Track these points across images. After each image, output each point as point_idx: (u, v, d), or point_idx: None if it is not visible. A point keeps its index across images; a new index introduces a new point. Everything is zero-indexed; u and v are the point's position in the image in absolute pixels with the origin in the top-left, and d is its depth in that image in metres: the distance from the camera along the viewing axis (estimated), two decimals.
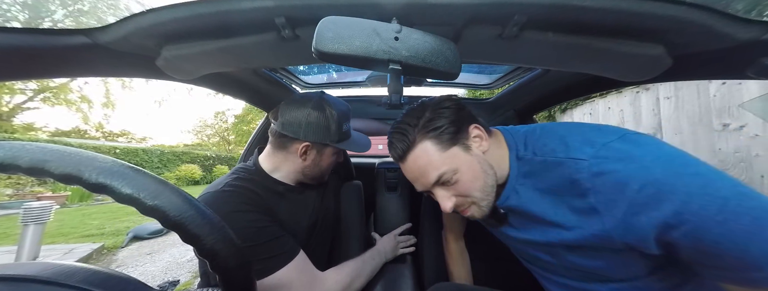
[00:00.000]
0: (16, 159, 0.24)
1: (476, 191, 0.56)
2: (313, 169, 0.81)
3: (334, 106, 0.77)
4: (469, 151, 0.56)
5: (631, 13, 0.43)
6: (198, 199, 0.29)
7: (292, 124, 0.73)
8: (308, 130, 0.74)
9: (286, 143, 0.76)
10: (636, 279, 0.53)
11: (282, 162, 0.79)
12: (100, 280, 0.28)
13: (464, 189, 0.56)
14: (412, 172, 0.59)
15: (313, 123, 0.73)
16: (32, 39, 0.48)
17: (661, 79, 0.66)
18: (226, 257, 0.29)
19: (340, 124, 0.77)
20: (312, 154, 0.78)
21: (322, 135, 0.75)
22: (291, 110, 0.74)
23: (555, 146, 0.53)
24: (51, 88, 13.76)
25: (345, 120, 0.79)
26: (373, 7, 0.44)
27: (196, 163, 13.47)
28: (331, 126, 0.75)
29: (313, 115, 0.73)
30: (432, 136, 0.55)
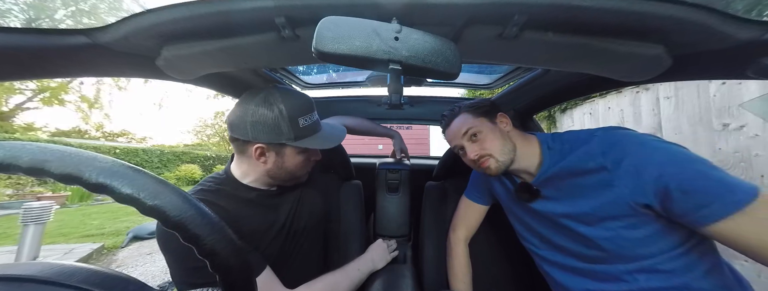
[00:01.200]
0: (16, 159, 0.24)
1: (494, 150, 0.76)
2: (278, 172, 0.74)
3: (284, 100, 0.68)
4: (494, 124, 0.80)
5: (631, 13, 0.43)
6: None
7: (239, 125, 0.67)
8: (256, 129, 0.67)
9: (240, 147, 0.70)
10: (643, 258, 0.62)
11: (248, 167, 0.74)
12: (100, 280, 0.28)
13: (484, 145, 0.77)
14: (451, 133, 0.83)
15: (260, 122, 0.66)
16: (32, 39, 0.48)
17: (661, 79, 0.67)
18: (227, 257, 0.29)
19: (293, 119, 0.68)
20: (271, 156, 0.71)
21: (273, 134, 0.67)
22: (236, 109, 0.68)
23: (580, 135, 0.74)
24: (51, 88, 13.75)
25: (301, 114, 0.70)
26: (373, 7, 0.44)
27: (196, 163, 13.47)
28: (281, 123, 0.67)
29: (258, 112, 0.66)
30: (469, 111, 0.82)
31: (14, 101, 14.50)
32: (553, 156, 0.74)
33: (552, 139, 0.77)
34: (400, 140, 1.35)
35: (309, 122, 0.72)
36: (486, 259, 1.06)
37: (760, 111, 2.15)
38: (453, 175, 1.22)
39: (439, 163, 1.24)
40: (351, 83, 1.37)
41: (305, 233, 0.88)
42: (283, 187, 0.82)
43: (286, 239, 0.80)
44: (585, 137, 0.70)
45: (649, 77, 0.61)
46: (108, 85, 15.50)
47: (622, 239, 0.63)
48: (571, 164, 0.70)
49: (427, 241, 1.10)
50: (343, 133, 0.84)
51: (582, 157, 0.68)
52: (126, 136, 25.37)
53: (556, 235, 0.76)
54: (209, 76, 0.70)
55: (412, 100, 1.42)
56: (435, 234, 1.11)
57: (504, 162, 0.76)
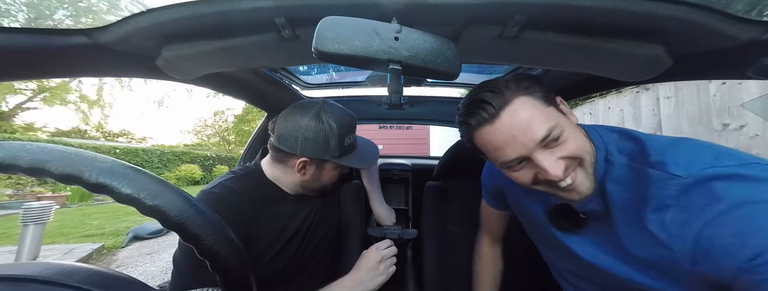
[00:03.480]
0: (16, 159, 0.24)
1: (585, 153, 0.49)
2: (313, 184, 0.77)
3: (335, 118, 0.69)
4: (565, 115, 0.51)
5: (631, 13, 0.43)
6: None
7: (288, 139, 0.68)
8: (305, 145, 0.67)
9: (283, 158, 0.72)
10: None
11: (281, 174, 0.76)
12: (100, 280, 0.28)
13: (573, 148, 0.47)
14: (509, 130, 0.47)
15: (311, 138, 0.67)
16: (32, 39, 0.48)
17: (661, 79, 0.67)
18: (227, 257, 0.29)
19: (341, 138, 0.70)
20: (311, 170, 0.73)
21: (320, 151, 0.69)
22: (287, 122, 0.69)
23: (656, 157, 0.47)
24: (51, 88, 13.75)
25: (348, 132, 0.72)
26: (373, 7, 0.44)
27: (196, 163, 13.46)
28: (331, 141, 0.68)
29: (310, 128, 0.67)
30: (528, 94, 0.48)
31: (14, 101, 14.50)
32: (610, 178, 0.50)
33: (618, 150, 0.51)
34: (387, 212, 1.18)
35: (351, 140, 0.74)
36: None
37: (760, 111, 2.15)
38: (453, 175, 1.22)
39: (439, 163, 1.24)
40: (351, 83, 1.37)
41: (321, 245, 0.86)
42: (306, 194, 0.82)
43: (298, 249, 0.79)
44: (669, 173, 0.45)
45: (649, 77, 0.61)
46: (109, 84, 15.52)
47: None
48: (622, 217, 0.48)
49: (428, 241, 1.10)
50: (376, 151, 0.85)
51: (640, 199, 0.46)
52: (126, 136, 25.38)
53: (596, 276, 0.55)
54: (209, 76, 0.70)
55: (412, 100, 1.42)
56: (435, 234, 1.11)
57: (591, 176, 0.51)
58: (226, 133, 23.39)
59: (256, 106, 1.22)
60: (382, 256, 0.74)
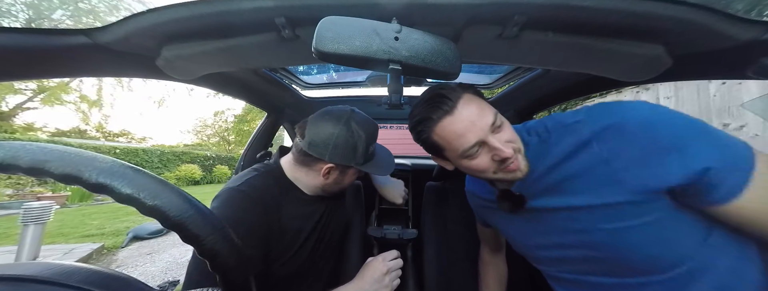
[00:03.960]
0: (16, 159, 0.24)
1: (517, 139, 0.58)
2: (333, 187, 0.80)
3: (363, 127, 0.73)
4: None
5: (631, 13, 0.43)
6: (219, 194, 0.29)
7: (318, 145, 0.71)
8: (334, 152, 0.71)
9: (309, 162, 0.74)
10: (656, 272, 0.51)
11: (303, 176, 0.78)
12: (100, 280, 0.28)
13: (510, 133, 0.57)
14: (468, 117, 0.54)
15: (341, 145, 0.71)
16: (32, 39, 0.48)
17: (661, 79, 0.67)
18: (227, 257, 0.29)
19: (367, 146, 0.74)
20: (334, 175, 0.76)
21: (348, 157, 0.72)
22: (318, 129, 0.71)
23: (552, 123, 0.60)
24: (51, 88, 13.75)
25: (372, 141, 0.76)
26: (373, 7, 0.44)
27: (196, 163, 13.46)
28: (359, 148, 0.72)
29: (341, 137, 0.70)
30: (470, 93, 0.57)
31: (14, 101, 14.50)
32: (531, 155, 0.59)
33: (527, 133, 0.62)
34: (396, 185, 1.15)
35: (373, 148, 0.79)
36: None
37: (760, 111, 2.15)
38: (453, 176, 1.22)
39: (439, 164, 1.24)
40: (351, 83, 1.37)
41: (329, 245, 0.89)
42: (321, 196, 0.84)
43: (313, 249, 0.81)
44: (556, 125, 0.58)
45: (649, 77, 0.61)
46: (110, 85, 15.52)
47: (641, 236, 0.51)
48: (553, 175, 0.57)
49: (428, 241, 1.10)
50: (393, 158, 0.89)
51: (562, 152, 0.56)
52: (126, 136, 25.38)
53: (561, 241, 0.62)
54: (209, 76, 0.70)
55: (412, 100, 1.42)
56: (435, 234, 1.11)
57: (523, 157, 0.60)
58: (226, 133, 23.40)
59: (256, 106, 1.22)
60: (388, 268, 0.71)
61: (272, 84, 1.06)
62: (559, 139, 0.56)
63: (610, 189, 0.51)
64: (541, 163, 0.58)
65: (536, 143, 0.60)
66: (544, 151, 0.58)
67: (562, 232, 0.61)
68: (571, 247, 0.60)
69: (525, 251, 0.73)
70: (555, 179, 0.57)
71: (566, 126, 0.56)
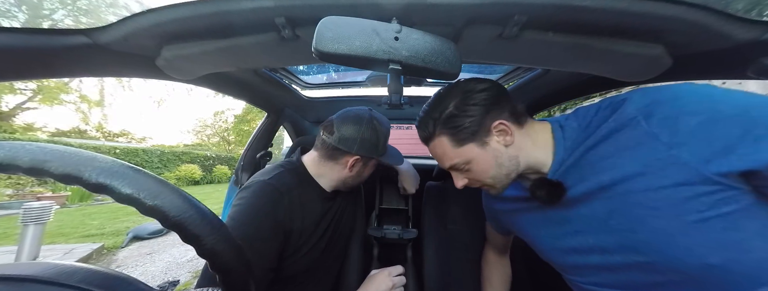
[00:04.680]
0: (16, 159, 0.24)
1: (487, 178, 0.60)
2: (354, 179, 0.87)
3: (383, 124, 0.84)
4: (485, 146, 0.57)
5: (631, 13, 0.43)
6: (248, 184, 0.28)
7: (348, 140, 0.79)
8: (362, 145, 0.79)
9: (337, 156, 0.81)
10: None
11: (328, 171, 0.84)
12: (100, 280, 0.28)
13: (474, 176, 0.61)
14: (433, 155, 0.66)
15: (367, 139, 0.80)
16: (32, 39, 0.48)
17: (661, 79, 0.67)
18: (227, 257, 0.29)
19: (385, 140, 0.85)
20: (358, 166, 0.83)
21: (371, 150, 0.81)
22: (347, 126, 0.80)
23: (598, 106, 0.55)
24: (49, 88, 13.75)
25: (388, 136, 0.86)
26: (373, 7, 0.44)
27: (196, 163, 13.45)
28: (380, 142, 0.82)
29: (367, 132, 0.80)
30: (449, 133, 0.58)
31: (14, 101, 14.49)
32: (570, 141, 0.55)
33: (566, 119, 0.58)
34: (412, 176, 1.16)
35: (386, 142, 0.87)
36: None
37: None
38: None
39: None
40: (351, 83, 1.37)
41: (340, 242, 0.94)
42: (337, 192, 0.90)
43: (327, 245, 0.86)
44: (609, 106, 0.52)
45: (649, 77, 0.61)
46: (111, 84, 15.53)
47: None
48: (599, 159, 0.50)
49: (428, 241, 1.10)
50: (400, 153, 0.98)
51: (608, 133, 0.50)
52: (126, 136, 25.36)
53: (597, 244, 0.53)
54: (209, 76, 0.70)
55: (412, 100, 1.42)
56: (435, 234, 1.11)
57: (503, 186, 0.61)
58: (226, 133, 23.39)
59: (256, 106, 1.22)
60: (393, 284, 0.70)
61: (272, 84, 1.06)
62: (603, 119, 0.52)
63: (661, 169, 0.43)
64: (579, 146, 0.53)
65: (575, 128, 0.56)
66: (584, 134, 0.54)
67: (599, 231, 0.52)
68: (611, 250, 0.51)
69: (554, 257, 0.64)
70: (593, 159, 0.51)
71: (611, 104, 0.52)
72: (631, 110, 0.48)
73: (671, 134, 0.43)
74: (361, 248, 1.06)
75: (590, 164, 0.52)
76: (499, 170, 0.58)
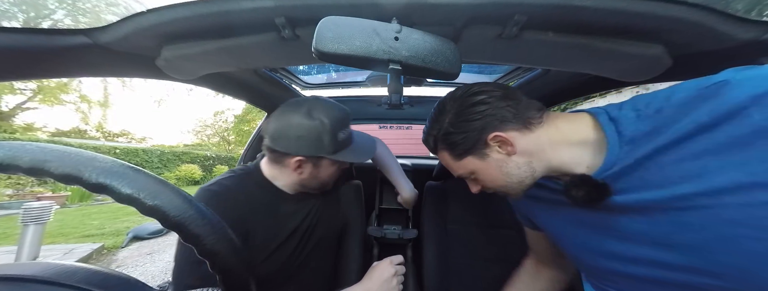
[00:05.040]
0: (16, 159, 0.24)
1: (499, 186, 0.58)
2: (311, 182, 0.77)
3: (327, 113, 0.68)
4: (486, 158, 0.55)
5: (631, 13, 0.43)
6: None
7: (281, 139, 0.68)
8: (300, 143, 0.67)
9: (278, 158, 0.72)
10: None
11: (279, 174, 0.76)
12: (100, 280, 0.28)
13: (486, 184, 0.60)
14: (443, 164, 0.67)
15: (304, 136, 0.67)
16: (32, 39, 0.48)
17: (661, 79, 0.67)
18: (227, 257, 0.29)
19: (334, 133, 0.68)
20: (308, 168, 0.73)
21: (314, 148, 0.68)
22: (279, 122, 0.68)
23: (670, 93, 0.43)
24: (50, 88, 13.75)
25: (341, 127, 0.70)
26: (373, 7, 0.44)
27: (196, 163, 13.43)
28: (324, 137, 0.67)
29: (303, 126, 0.66)
30: (447, 148, 0.59)
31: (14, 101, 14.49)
32: (629, 134, 0.45)
33: (618, 108, 0.48)
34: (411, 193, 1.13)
35: (345, 135, 0.73)
36: (488, 256, 1.06)
37: None
38: (453, 175, 1.22)
39: (439, 163, 1.24)
40: (351, 83, 1.37)
41: (320, 245, 0.87)
42: (306, 193, 0.82)
43: (296, 248, 0.80)
44: (688, 95, 0.41)
45: (649, 77, 0.61)
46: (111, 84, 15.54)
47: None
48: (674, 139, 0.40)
49: (428, 241, 1.10)
50: (373, 145, 0.83)
51: (690, 130, 0.39)
52: (126, 136, 25.35)
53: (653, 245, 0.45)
54: (209, 76, 0.70)
55: (412, 100, 1.42)
56: (435, 234, 1.11)
57: (519, 191, 0.56)
58: (226, 133, 23.39)
59: (256, 106, 1.22)
60: (395, 271, 0.69)
61: (272, 84, 1.06)
62: (685, 109, 0.40)
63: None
64: (643, 144, 0.43)
65: (633, 120, 0.45)
66: (650, 127, 0.43)
67: (659, 244, 0.44)
68: (675, 267, 0.43)
69: (584, 258, 0.57)
70: (665, 162, 0.41)
71: (699, 89, 0.40)
72: (739, 98, 0.36)
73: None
74: (361, 248, 1.06)
75: (660, 168, 0.42)
76: (508, 178, 0.55)
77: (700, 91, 0.40)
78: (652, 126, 0.43)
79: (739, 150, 0.36)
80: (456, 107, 0.56)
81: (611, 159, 0.46)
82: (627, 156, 0.45)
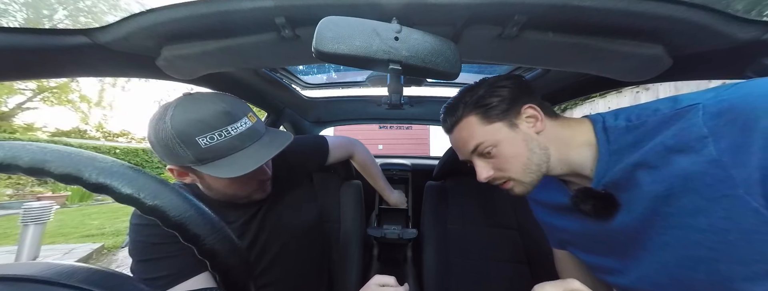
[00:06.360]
0: (16, 159, 0.24)
1: (515, 167, 0.54)
2: (214, 193, 0.66)
3: (176, 115, 0.53)
4: (515, 128, 0.54)
5: (631, 13, 0.43)
6: None
7: (154, 147, 0.57)
8: (162, 153, 0.56)
9: (173, 168, 0.62)
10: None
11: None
12: (100, 280, 0.28)
13: (502, 163, 0.55)
14: (456, 143, 0.62)
15: (159, 144, 0.55)
16: (32, 39, 0.48)
17: (661, 79, 0.67)
18: (226, 257, 0.29)
19: (187, 139, 0.53)
20: (192, 178, 0.62)
21: (173, 157, 0.56)
22: (149, 128, 0.57)
23: (659, 105, 0.45)
24: (51, 88, 13.76)
25: (200, 132, 0.54)
26: (373, 7, 0.44)
27: None
28: (175, 145, 0.54)
29: (155, 133, 0.55)
30: (478, 111, 0.56)
31: (14, 101, 14.49)
32: (616, 145, 0.47)
33: (614, 117, 0.50)
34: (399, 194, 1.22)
35: (217, 141, 0.55)
36: (488, 257, 1.06)
37: None
38: (453, 175, 1.22)
39: (439, 163, 1.24)
40: (351, 83, 1.37)
41: (283, 252, 0.77)
42: (260, 199, 0.73)
43: (264, 250, 0.74)
44: (668, 112, 0.43)
45: (649, 77, 0.61)
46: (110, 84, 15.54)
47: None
48: (650, 158, 0.43)
49: (428, 241, 1.10)
50: (269, 152, 0.60)
51: (665, 148, 0.41)
52: (126, 136, 25.36)
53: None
54: (209, 76, 0.70)
55: (412, 100, 1.42)
56: (435, 234, 1.11)
57: (531, 181, 0.55)
58: None
59: (256, 106, 1.22)
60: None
61: (272, 84, 1.06)
62: (659, 129, 0.43)
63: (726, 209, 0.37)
64: (625, 158, 0.46)
65: (622, 130, 0.48)
66: (633, 140, 0.46)
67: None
68: (665, 286, 0.45)
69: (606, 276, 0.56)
70: (643, 181, 0.44)
71: (673, 112, 0.42)
72: (700, 128, 0.38)
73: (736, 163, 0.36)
74: (361, 248, 1.06)
75: (638, 186, 0.45)
76: (531, 157, 0.53)
77: (675, 111, 0.42)
78: (635, 138, 0.46)
79: (699, 178, 0.39)
80: (489, 84, 0.58)
81: (601, 170, 0.49)
82: (612, 168, 0.48)
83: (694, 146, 0.39)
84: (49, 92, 13.94)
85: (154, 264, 0.60)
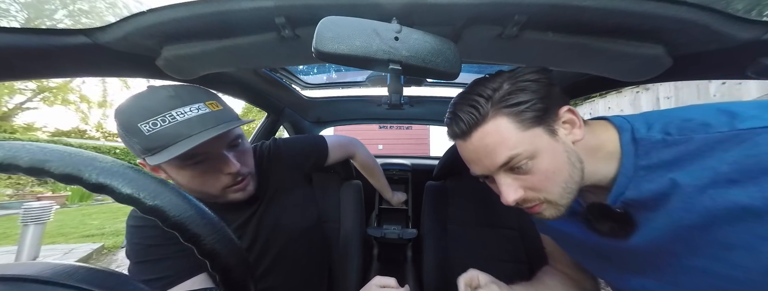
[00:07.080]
0: (16, 159, 0.24)
1: (555, 186, 0.43)
2: (191, 193, 0.65)
3: (121, 105, 0.53)
4: (555, 136, 0.44)
5: (631, 13, 0.43)
6: None
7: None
8: (127, 145, 0.55)
9: None
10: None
11: None
12: (100, 280, 0.28)
13: (539, 181, 0.43)
14: (475, 152, 0.46)
15: (123, 136, 0.54)
16: (32, 39, 0.48)
17: (661, 79, 0.67)
18: (227, 257, 0.29)
19: (130, 127, 0.51)
20: (162, 174, 0.60)
21: (131, 150, 0.56)
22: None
23: (708, 119, 0.38)
24: (51, 88, 13.77)
25: (142, 118, 0.51)
26: (373, 7, 0.44)
27: None
28: (123, 135, 0.54)
29: (121, 125, 0.53)
30: (510, 112, 0.43)
31: (14, 101, 14.50)
32: (646, 160, 0.41)
33: (646, 125, 0.43)
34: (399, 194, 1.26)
35: (161, 127, 0.51)
36: (488, 256, 1.06)
37: None
38: (453, 175, 1.22)
39: (439, 163, 1.24)
40: (351, 83, 1.37)
41: (281, 255, 0.76)
42: (256, 197, 0.72)
43: (263, 250, 0.74)
44: (726, 131, 0.36)
45: (649, 77, 0.61)
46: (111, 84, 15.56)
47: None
48: (684, 188, 0.37)
49: (428, 241, 1.10)
50: (207, 134, 0.53)
51: (729, 172, 0.35)
52: None
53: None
54: (209, 76, 0.70)
55: (412, 100, 1.42)
56: (435, 234, 1.11)
57: (567, 204, 0.45)
58: None
59: (256, 106, 1.22)
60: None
61: (272, 84, 1.06)
62: (710, 151, 0.36)
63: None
64: (656, 177, 0.40)
65: (659, 144, 0.41)
66: (671, 156, 0.39)
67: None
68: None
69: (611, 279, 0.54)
70: (679, 207, 0.38)
71: (733, 133, 0.35)
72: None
73: None
74: (361, 248, 1.06)
75: (665, 211, 0.40)
76: (572, 173, 0.43)
77: (736, 132, 0.35)
78: (674, 156, 0.39)
79: (755, 213, 0.33)
80: (512, 75, 0.46)
81: (622, 184, 0.43)
82: (639, 184, 0.41)
83: (758, 178, 0.32)
84: (49, 92, 13.95)
85: (152, 266, 0.60)
